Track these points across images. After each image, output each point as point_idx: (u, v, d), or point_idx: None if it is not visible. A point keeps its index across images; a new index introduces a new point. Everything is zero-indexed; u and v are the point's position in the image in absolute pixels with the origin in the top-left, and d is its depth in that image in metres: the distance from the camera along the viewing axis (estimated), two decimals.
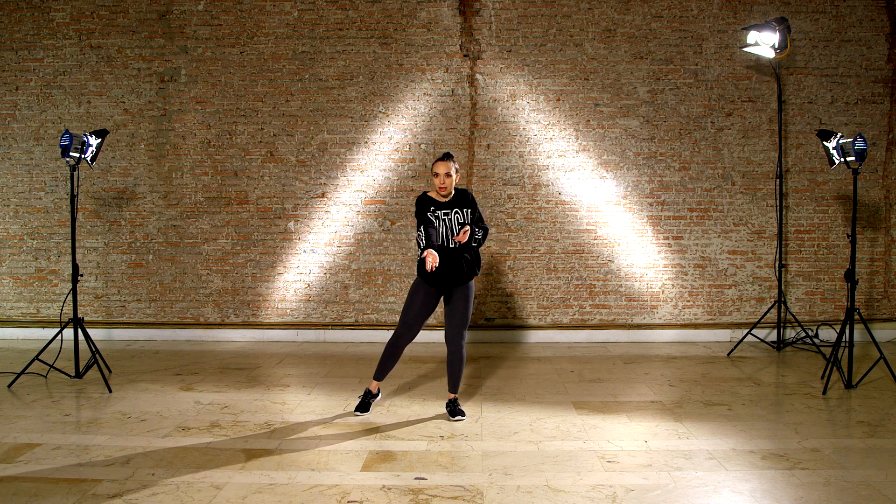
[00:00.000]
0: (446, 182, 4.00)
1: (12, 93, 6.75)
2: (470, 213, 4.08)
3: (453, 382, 4.15)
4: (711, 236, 6.69)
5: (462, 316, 4.04)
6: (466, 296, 4.05)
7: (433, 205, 4.05)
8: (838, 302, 6.70)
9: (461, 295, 4.05)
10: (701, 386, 4.93)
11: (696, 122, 6.65)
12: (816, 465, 3.32)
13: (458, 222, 4.03)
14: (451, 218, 4.03)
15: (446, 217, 4.03)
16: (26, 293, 6.83)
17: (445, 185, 4.00)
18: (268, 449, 3.59)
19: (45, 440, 3.70)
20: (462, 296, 4.05)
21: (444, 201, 4.08)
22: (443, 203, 4.07)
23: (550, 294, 6.71)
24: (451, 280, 4.00)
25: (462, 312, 4.04)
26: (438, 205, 4.06)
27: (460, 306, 4.04)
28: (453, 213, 4.04)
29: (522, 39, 6.65)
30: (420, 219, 4.06)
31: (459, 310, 4.04)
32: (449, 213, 4.03)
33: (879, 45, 6.63)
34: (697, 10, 6.62)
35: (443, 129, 6.68)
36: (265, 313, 6.78)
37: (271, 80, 6.69)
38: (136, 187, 6.77)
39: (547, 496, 2.97)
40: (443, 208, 4.05)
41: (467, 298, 4.05)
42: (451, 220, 4.03)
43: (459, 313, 4.04)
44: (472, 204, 4.13)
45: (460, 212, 4.05)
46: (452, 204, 4.07)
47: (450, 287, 4.05)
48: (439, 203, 4.07)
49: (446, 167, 4.00)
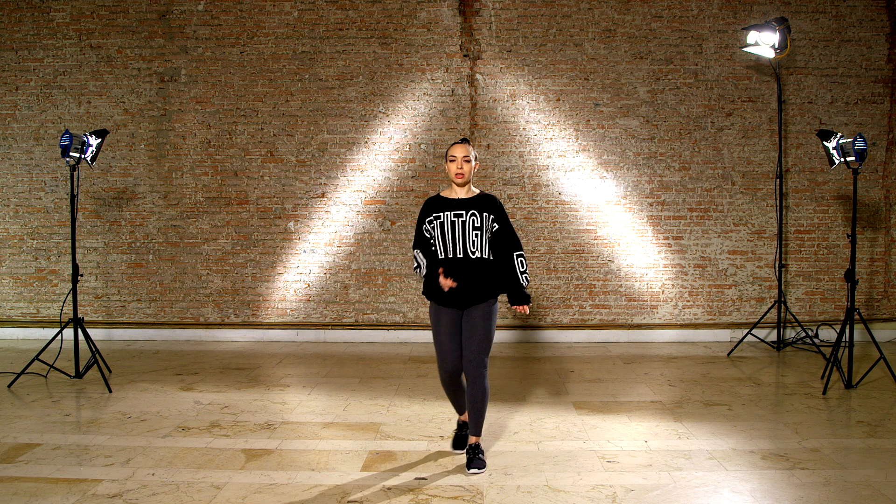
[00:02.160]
0: (464, 167, 3.31)
1: (12, 93, 6.75)
2: (493, 220, 3.34)
3: (475, 421, 3.35)
4: (711, 236, 6.69)
5: (481, 340, 3.31)
6: (486, 315, 3.33)
7: (441, 206, 3.37)
8: (838, 302, 6.70)
9: (479, 315, 3.32)
10: (701, 386, 4.93)
11: (696, 122, 6.65)
12: (816, 465, 3.32)
13: (475, 226, 3.30)
14: (466, 221, 3.30)
15: (457, 219, 3.31)
16: (26, 293, 6.83)
17: (463, 171, 3.31)
18: (268, 449, 3.59)
19: (45, 440, 3.70)
20: (480, 316, 3.32)
21: (458, 200, 3.38)
22: (456, 202, 3.37)
23: (550, 294, 6.71)
24: (465, 297, 3.30)
25: (482, 336, 3.31)
26: (450, 205, 3.36)
27: (479, 329, 3.31)
28: (468, 215, 3.30)
29: (522, 39, 6.65)
30: (417, 231, 3.46)
31: (479, 333, 3.31)
32: (463, 216, 3.31)
33: (879, 45, 6.63)
34: (697, 10, 6.62)
35: (443, 129, 6.68)
36: (265, 313, 6.78)
37: (271, 80, 6.69)
38: (136, 187, 6.77)
39: (547, 496, 2.97)
40: (454, 209, 3.33)
41: (488, 319, 3.33)
42: (467, 223, 3.30)
43: (478, 337, 3.30)
44: (498, 212, 3.37)
45: (478, 215, 3.31)
46: (470, 205, 3.34)
47: (465, 305, 3.33)
48: (451, 202, 3.37)
49: (464, 150, 3.34)
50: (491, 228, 3.34)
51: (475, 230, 3.31)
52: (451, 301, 3.32)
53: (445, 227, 3.32)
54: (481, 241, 3.32)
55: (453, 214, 3.32)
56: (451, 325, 3.35)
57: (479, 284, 3.31)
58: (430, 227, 3.38)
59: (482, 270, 3.32)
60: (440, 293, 3.31)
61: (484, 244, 3.32)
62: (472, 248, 3.31)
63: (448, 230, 3.32)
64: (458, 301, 3.32)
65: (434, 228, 3.36)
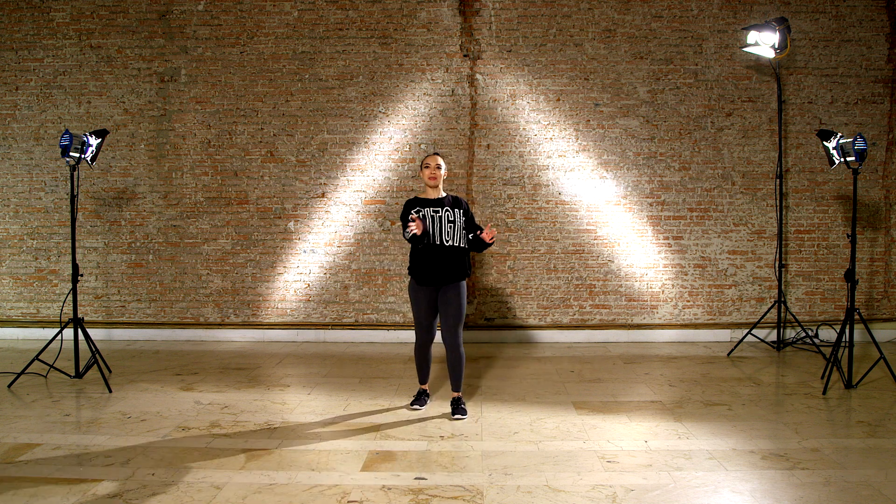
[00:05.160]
0: (436, 173, 4.16)
1: (12, 93, 6.75)
2: (462, 214, 4.17)
3: (455, 381, 4.24)
4: (711, 236, 6.69)
5: (455, 314, 4.12)
6: (459, 293, 4.13)
7: (421, 205, 4.17)
8: (838, 302, 6.70)
9: (454, 293, 4.12)
10: (701, 386, 4.93)
11: (696, 122, 6.65)
12: (816, 465, 3.32)
13: (449, 220, 4.11)
14: (442, 216, 4.12)
15: (435, 215, 4.12)
16: (26, 293, 6.83)
17: (435, 176, 4.15)
18: (268, 449, 3.59)
19: (45, 440, 3.70)
20: (455, 293, 4.12)
21: (434, 199, 4.19)
22: (433, 202, 4.18)
23: (550, 294, 6.71)
24: (441, 277, 4.09)
25: (455, 310, 4.12)
26: (428, 203, 4.17)
27: (453, 304, 4.11)
28: (444, 211, 4.13)
29: (522, 39, 6.65)
30: (403, 221, 4.21)
31: (453, 308, 4.11)
32: (439, 212, 4.13)
33: (879, 45, 6.63)
34: (697, 10, 6.62)
35: (443, 129, 6.68)
36: (265, 313, 6.78)
37: (271, 80, 6.69)
38: (136, 187, 6.77)
39: (547, 496, 2.97)
40: (432, 206, 4.15)
41: (459, 296, 4.13)
42: (442, 218, 4.11)
43: (453, 311, 4.11)
44: (465, 208, 4.23)
45: (451, 211, 4.14)
46: (443, 203, 4.17)
47: (440, 284, 4.13)
48: (429, 202, 4.18)
49: (435, 160, 4.20)
50: (462, 220, 4.17)
51: (449, 223, 4.12)
52: (429, 280, 4.10)
53: (426, 220, 4.10)
54: (454, 233, 4.13)
55: (432, 210, 4.14)
56: (428, 302, 4.16)
57: (452, 267, 4.10)
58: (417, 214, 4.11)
59: (454, 256, 4.11)
60: (421, 273, 4.10)
61: (456, 234, 4.13)
62: (447, 237, 4.11)
63: (428, 223, 4.10)
64: (434, 280, 4.10)
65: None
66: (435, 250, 4.09)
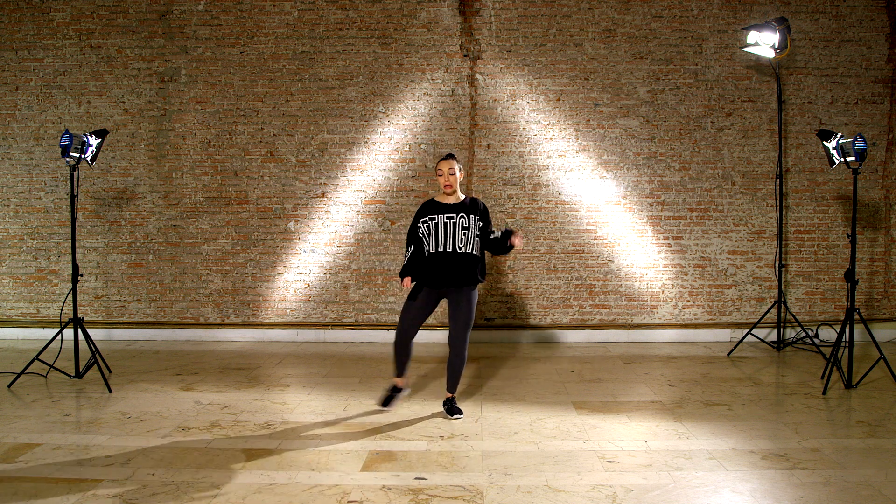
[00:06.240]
0: (450, 179, 4.06)
1: (12, 93, 6.75)
2: (477, 220, 4.08)
3: (452, 382, 4.21)
4: (711, 236, 6.69)
5: (465, 318, 4.06)
6: (470, 299, 4.07)
7: (436, 210, 4.08)
8: (838, 302, 6.70)
9: (465, 298, 4.06)
10: (701, 386, 4.93)
11: (696, 122, 6.65)
12: (816, 465, 3.32)
13: (463, 227, 4.02)
14: (456, 223, 4.03)
15: (449, 221, 4.03)
16: (26, 293, 6.83)
17: (450, 182, 4.06)
18: (268, 449, 3.58)
19: (45, 440, 3.70)
20: (466, 299, 4.06)
21: (450, 204, 4.10)
22: (448, 206, 4.09)
23: (550, 294, 6.71)
24: (451, 283, 4.03)
25: (465, 315, 4.06)
26: (443, 208, 4.08)
27: (464, 310, 4.05)
28: (458, 217, 4.04)
29: (522, 39, 6.65)
30: (411, 228, 4.17)
31: (463, 313, 4.06)
32: (453, 217, 4.03)
33: (879, 45, 6.63)
34: (697, 10, 6.62)
35: (443, 129, 6.68)
36: (265, 313, 6.78)
37: (271, 80, 6.69)
38: (136, 187, 6.77)
39: (547, 496, 2.97)
40: (447, 212, 4.06)
41: (470, 301, 4.07)
42: (456, 224, 4.03)
43: (463, 316, 4.06)
44: (483, 214, 4.14)
45: (466, 217, 4.04)
46: (459, 209, 4.08)
47: (451, 289, 4.07)
48: (444, 206, 4.09)
49: (448, 164, 4.08)
50: (478, 226, 4.09)
51: (463, 230, 4.04)
52: (437, 283, 4.05)
53: (439, 227, 4.05)
54: (468, 239, 4.05)
55: (446, 216, 4.06)
56: (428, 301, 4.12)
57: (464, 273, 4.03)
58: (424, 225, 4.10)
59: (466, 262, 4.04)
60: (430, 277, 4.04)
61: (470, 241, 4.05)
62: (460, 244, 4.03)
63: (441, 229, 4.04)
64: (442, 284, 4.04)
65: (428, 227, 4.08)
66: (447, 257, 4.02)
